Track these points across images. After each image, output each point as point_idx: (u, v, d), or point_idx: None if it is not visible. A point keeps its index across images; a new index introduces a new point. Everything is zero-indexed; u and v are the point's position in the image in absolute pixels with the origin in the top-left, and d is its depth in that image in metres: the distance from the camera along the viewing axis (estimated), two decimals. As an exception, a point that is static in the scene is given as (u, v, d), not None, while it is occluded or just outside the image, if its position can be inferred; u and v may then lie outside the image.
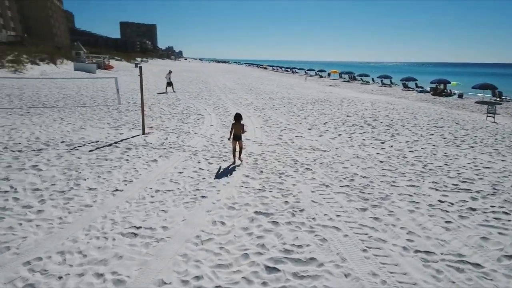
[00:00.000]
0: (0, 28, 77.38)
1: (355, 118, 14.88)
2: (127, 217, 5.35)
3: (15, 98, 16.78)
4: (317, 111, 16.58)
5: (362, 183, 7.04)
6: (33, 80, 25.01)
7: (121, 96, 19.31)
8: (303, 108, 17.48)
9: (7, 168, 7.24)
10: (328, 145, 10.08)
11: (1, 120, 11.92)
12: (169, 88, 23.66)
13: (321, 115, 15.58)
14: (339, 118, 14.88)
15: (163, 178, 7.07)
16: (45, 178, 6.77)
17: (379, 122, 14.05)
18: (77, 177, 6.92)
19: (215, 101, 19.50)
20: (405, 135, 11.79)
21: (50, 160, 7.90)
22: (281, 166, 8.05)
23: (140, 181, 6.84)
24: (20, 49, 43.18)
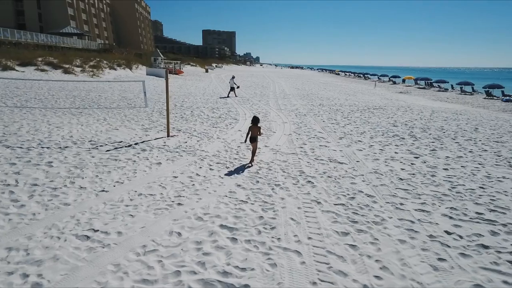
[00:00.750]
0: (95, 38, 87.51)
1: (401, 128, 13.43)
2: (93, 219, 5.38)
3: (77, 99, 18.58)
4: (361, 120, 15.38)
5: (361, 203, 6.18)
6: (101, 83, 27.62)
7: (172, 99, 20.25)
8: (348, 116, 16.37)
9: (25, 163, 7.89)
10: (350, 157, 9.17)
11: (53, 118, 13.20)
12: (232, 93, 24.07)
13: (364, 123, 14.40)
14: (382, 128, 13.58)
15: (154, 182, 7.05)
16: (49, 175, 7.21)
17: (427, 134, 12.47)
18: (77, 175, 7.24)
19: (261, 106, 19.32)
20: (450, 149, 10.22)
21: (66, 157, 8.43)
22: (282, 177, 7.50)
23: (130, 184, 6.90)
24: (106, 56, 48.24)
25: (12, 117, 13.08)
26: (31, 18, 71.57)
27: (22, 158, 8.25)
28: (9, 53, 32.22)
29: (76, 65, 34.42)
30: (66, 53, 40.25)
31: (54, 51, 42.42)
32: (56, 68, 31.47)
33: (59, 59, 34.37)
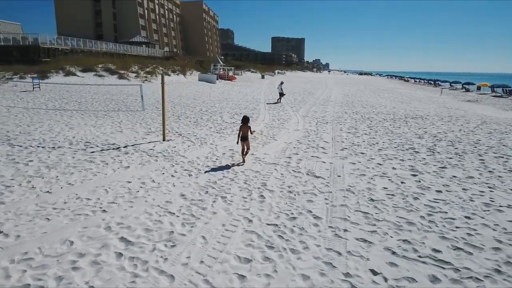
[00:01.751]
0: (163, 46, 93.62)
1: (425, 141, 11.78)
2: (9, 219, 5.38)
3: (112, 102, 19.71)
4: (386, 130, 13.88)
5: (299, 225, 5.36)
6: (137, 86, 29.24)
7: (204, 104, 20.49)
8: (375, 125, 14.91)
9: (7, 160, 8.36)
10: (334, 171, 8.19)
11: (75, 120, 14.05)
12: (281, 99, 23.71)
13: (385, 134, 12.95)
14: (402, 139, 12.06)
15: (103, 185, 6.94)
16: (16, 173, 7.52)
17: (452, 148, 10.73)
18: (40, 175, 7.44)
19: (287, 112, 18.60)
20: (465, 168, 8.59)
21: (49, 157, 8.78)
22: (238, 189, 6.89)
23: (79, 186, 6.88)
24: (166, 62, 51.20)
25: (41, 117, 14.23)
26: (107, 29, 79.16)
27: (10, 155, 8.79)
28: (75, 60, 35.76)
29: (132, 71, 36.91)
30: (127, 60, 43.38)
31: (120, 58, 46.07)
32: (113, 74, 34.05)
33: (118, 65, 37.20)
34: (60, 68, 31.58)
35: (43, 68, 30.56)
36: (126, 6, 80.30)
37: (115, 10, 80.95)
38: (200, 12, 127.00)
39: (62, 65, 32.92)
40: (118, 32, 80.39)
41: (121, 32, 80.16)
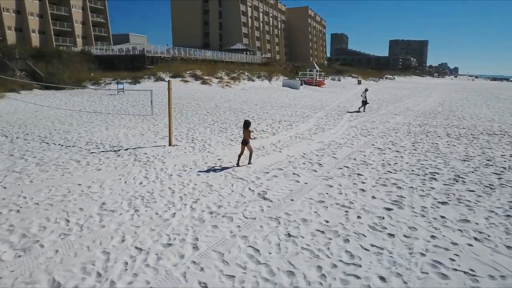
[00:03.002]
0: (265, 52, 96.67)
1: (452, 164, 9.23)
2: None
3: (176, 105, 21.00)
4: (432, 147, 11.39)
5: (154, 253, 4.64)
6: (197, 89, 30.28)
7: (268, 109, 20.30)
8: (424, 141, 12.41)
9: (18, 155, 9.54)
10: (291, 195, 6.99)
11: (117, 121, 15.39)
12: (362, 107, 21.52)
13: (423, 153, 10.61)
14: (433, 162, 9.69)
15: (54, 185, 7.26)
16: (7, 166, 8.50)
17: (487, 171, 8.13)
18: (21, 170, 8.24)
19: (340, 122, 16.99)
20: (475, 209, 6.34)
21: (52, 154, 9.72)
22: (162, 204, 6.43)
23: (33, 184, 7.36)
24: (263, 68, 52.75)
25: (93, 119, 16.02)
26: (214, 38, 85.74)
27: (28, 151, 10.03)
28: (169, 67, 39.59)
29: (217, 77, 38.99)
30: (217, 66, 46.03)
31: (214, 65, 49.26)
32: (197, 79, 36.53)
33: (205, 71, 39.79)
34: (152, 74, 35.31)
35: (137, 75, 34.62)
36: (230, 17, 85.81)
37: (221, 20, 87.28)
38: (305, 18, 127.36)
39: (157, 71, 36.84)
40: (223, 41, 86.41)
41: (225, 40, 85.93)
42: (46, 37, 55.44)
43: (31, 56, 37.86)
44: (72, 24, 60.05)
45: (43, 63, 36.98)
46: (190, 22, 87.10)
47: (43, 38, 54.96)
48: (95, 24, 65.67)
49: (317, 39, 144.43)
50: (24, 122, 14.65)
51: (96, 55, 47.04)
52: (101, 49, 50.60)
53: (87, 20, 63.15)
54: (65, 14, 59.21)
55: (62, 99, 23.41)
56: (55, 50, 42.97)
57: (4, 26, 48.82)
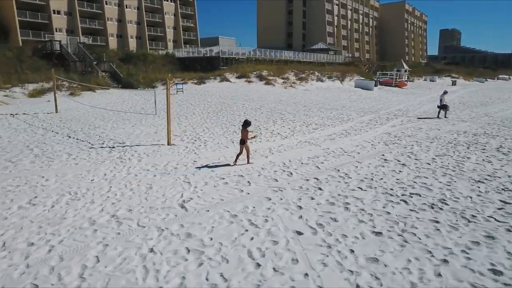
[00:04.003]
0: (353, 51, 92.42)
1: (454, 187, 7.27)
2: None
3: (222, 104, 21.44)
4: (436, 158, 9.30)
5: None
6: (257, 89, 29.75)
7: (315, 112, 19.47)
8: (427, 154, 10.23)
9: (38, 143, 10.78)
10: (204, 206, 6.38)
11: (150, 120, 16.29)
12: (442, 113, 18.46)
13: (421, 165, 8.72)
14: (438, 191, 7.86)
15: (27, 176, 7.95)
16: (18, 154, 9.64)
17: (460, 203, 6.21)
18: (21, 157, 9.26)
19: (372, 127, 15.25)
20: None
21: (52, 148, 10.74)
22: (85, 201, 6.50)
23: (17, 172, 8.17)
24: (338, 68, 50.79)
25: (128, 117, 17.26)
26: (297, 38, 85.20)
27: (43, 143, 11.27)
28: (239, 68, 40.61)
29: (283, 77, 38.60)
30: (286, 66, 45.55)
31: (287, 66, 48.96)
32: (261, 80, 36.68)
33: (273, 72, 39.75)
34: (219, 75, 36.64)
35: (204, 75, 36.30)
36: (314, 16, 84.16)
37: (305, 20, 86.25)
38: (401, 14, 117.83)
39: (227, 72, 38.22)
40: (306, 41, 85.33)
41: (308, 40, 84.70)
42: (142, 42, 62.07)
43: (120, 59, 42.83)
44: (164, 29, 66.10)
45: (129, 65, 41.47)
46: (274, 23, 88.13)
47: (139, 43, 61.67)
48: (185, 28, 71.10)
49: (415, 36, 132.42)
50: (72, 118, 16.54)
51: (178, 57, 50.89)
52: (187, 51, 54.56)
53: (178, 26, 68.78)
54: (159, 20, 65.43)
55: (124, 97, 25.80)
56: (141, 53, 47.72)
57: (107, 33, 56.22)
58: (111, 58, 40.52)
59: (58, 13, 50.18)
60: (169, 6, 67.45)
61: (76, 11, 51.61)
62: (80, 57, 36.63)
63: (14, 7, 44.67)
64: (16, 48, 36.63)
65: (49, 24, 49.03)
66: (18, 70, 30.57)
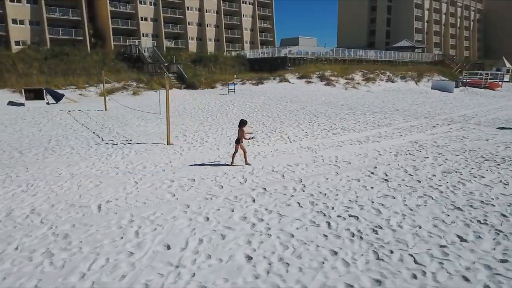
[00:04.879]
0: (447, 49, 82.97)
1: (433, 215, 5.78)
2: None
3: (269, 105, 21.24)
4: (440, 175, 7.57)
5: None
6: (313, 90, 28.05)
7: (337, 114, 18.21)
8: (433, 170, 8.34)
9: (49, 140, 12.06)
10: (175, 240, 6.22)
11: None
12: None
13: (415, 183, 7.21)
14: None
15: (16, 168, 8.93)
16: (37, 146, 10.91)
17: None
18: (37, 151, 10.44)
19: (406, 133, 13.43)
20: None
21: (67, 143, 11.83)
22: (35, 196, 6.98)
23: (13, 162, 9.23)
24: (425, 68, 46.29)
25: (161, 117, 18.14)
26: (379, 36, 79.77)
27: (64, 137, 12.53)
28: (304, 68, 39.73)
29: (348, 78, 36.52)
30: (351, 66, 42.95)
31: (357, 65, 46.28)
32: (322, 80, 35.25)
33: (338, 72, 37.92)
34: (278, 75, 36.31)
35: (264, 75, 36.32)
36: (401, 11, 77.59)
37: (389, 16, 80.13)
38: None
39: (292, 72, 37.77)
40: (390, 38, 79.29)
41: (393, 37, 78.55)
42: (220, 44, 64.95)
43: (192, 61, 45.48)
44: (241, 31, 68.10)
45: (199, 66, 43.78)
46: (355, 21, 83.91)
47: (217, 45, 64.68)
48: (262, 30, 72.22)
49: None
50: (113, 116, 18.07)
51: (248, 58, 51.99)
52: (257, 52, 55.48)
53: (255, 27, 70.24)
54: (237, 23, 67.65)
55: (176, 97, 27.19)
56: (212, 55, 49.96)
57: (188, 37, 60.23)
58: (183, 60, 43.31)
59: (145, 20, 55.48)
60: (247, 8, 69.28)
61: (161, 17, 56.39)
62: (154, 59, 39.90)
63: (109, 16, 50.75)
64: (102, 52, 41.48)
65: (137, 30, 54.49)
66: (97, 72, 34.62)
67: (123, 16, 53.19)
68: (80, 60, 36.72)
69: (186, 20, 59.89)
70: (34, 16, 43.16)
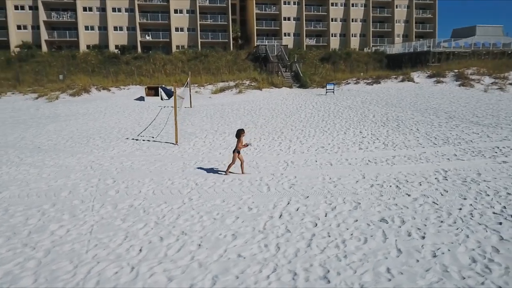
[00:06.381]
0: None
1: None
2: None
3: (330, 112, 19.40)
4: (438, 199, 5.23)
5: None
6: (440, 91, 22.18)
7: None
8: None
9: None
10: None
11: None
12: None
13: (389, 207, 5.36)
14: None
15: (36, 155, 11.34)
16: (66, 136, 13.56)
17: None
18: (64, 140, 13.00)
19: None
20: None
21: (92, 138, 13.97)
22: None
23: (42, 152, 11.77)
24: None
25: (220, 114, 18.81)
26: None
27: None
28: (449, 65, 33.45)
29: (498, 76, 28.50)
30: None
31: None
32: (458, 80, 28.62)
33: (489, 69, 30.17)
34: (403, 73, 31.55)
35: (382, 74, 32.16)
36: None
37: None
38: None
39: (416, 70, 32.46)
40: None
41: None
42: (365, 39, 60.88)
43: (320, 59, 44.50)
44: (392, 24, 61.66)
45: (326, 64, 42.52)
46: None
47: (362, 40, 60.85)
48: (420, 20, 63.36)
49: None
50: (192, 112, 19.93)
51: (388, 54, 47.04)
52: (397, 47, 49.49)
53: (410, 18, 62.31)
54: (388, 15, 61.63)
55: (273, 96, 27.24)
56: (344, 51, 47.28)
57: (329, 34, 58.88)
58: (309, 59, 42.97)
59: (288, 20, 57.33)
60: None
61: (303, 16, 57.08)
62: (279, 58, 41.10)
63: (254, 18, 54.89)
64: (235, 53, 45.29)
65: (279, 30, 56.94)
66: (227, 71, 38.18)
67: (268, 18, 56.53)
68: (215, 61, 41.40)
69: (329, 16, 58.68)
70: (191, 23, 51.06)
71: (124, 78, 34.91)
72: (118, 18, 48.83)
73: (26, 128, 15.73)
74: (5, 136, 13.98)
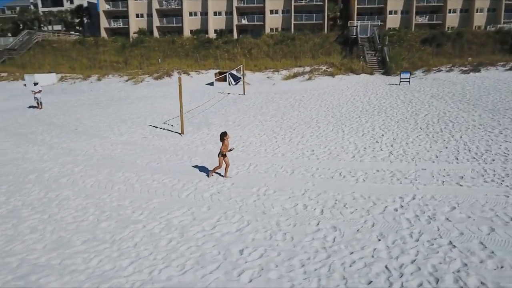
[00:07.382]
0: None
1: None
2: (42, 129, 14.18)
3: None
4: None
5: None
6: None
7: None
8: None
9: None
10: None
11: (276, 111, 16.94)
12: None
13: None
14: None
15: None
16: (89, 117, 15.32)
17: None
18: (91, 126, 14.79)
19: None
20: None
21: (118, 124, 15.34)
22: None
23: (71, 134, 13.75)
24: None
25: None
26: None
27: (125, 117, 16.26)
28: None
29: None
30: None
31: None
32: None
33: None
34: (506, 60, 25.32)
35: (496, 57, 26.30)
36: None
37: None
38: None
39: None
40: None
41: None
42: (496, 15, 50.34)
43: (422, 41, 38.82)
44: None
45: (427, 46, 36.97)
46: None
47: (491, 16, 50.43)
48: None
49: None
50: (243, 99, 20.21)
51: (518, 34, 38.14)
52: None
53: None
54: (532, -18, 49.36)
55: (338, 84, 25.09)
56: (455, 31, 40.07)
57: (446, 10, 50.39)
58: (407, 40, 38.02)
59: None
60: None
61: (414, -10, 50.24)
62: (370, 41, 37.53)
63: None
64: (321, 35, 42.86)
65: (384, 8, 51.37)
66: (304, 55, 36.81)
67: (371, -5, 51.72)
68: (302, 44, 40.26)
69: (447, -11, 50.29)
70: (285, 5, 50.18)
71: (212, 62, 37.05)
72: (218, 3, 51.32)
73: (93, 109, 18.33)
74: (69, 116, 16.63)
